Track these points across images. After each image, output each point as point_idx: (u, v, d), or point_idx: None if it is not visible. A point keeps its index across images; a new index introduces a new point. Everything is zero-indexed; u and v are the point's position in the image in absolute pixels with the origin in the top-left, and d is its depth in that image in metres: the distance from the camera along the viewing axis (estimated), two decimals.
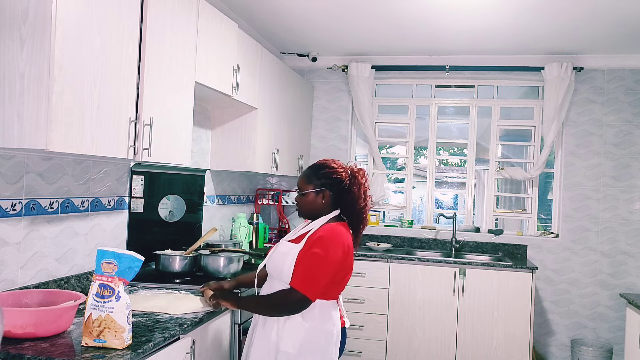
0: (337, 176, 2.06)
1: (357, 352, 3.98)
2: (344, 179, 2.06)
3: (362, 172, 2.11)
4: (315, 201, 2.07)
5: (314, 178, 2.07)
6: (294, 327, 1.95)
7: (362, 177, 2.08)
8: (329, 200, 2.06)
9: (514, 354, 3.73)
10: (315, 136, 4.76)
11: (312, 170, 2.11)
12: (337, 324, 2.04)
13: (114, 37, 1.92)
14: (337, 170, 2.07)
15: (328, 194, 2.05)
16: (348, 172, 2.08)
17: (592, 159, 4.30)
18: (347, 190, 2.06)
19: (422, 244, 4.52)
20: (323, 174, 2.07)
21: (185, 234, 3.18)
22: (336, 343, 2.03)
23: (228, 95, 2.93)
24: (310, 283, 1.91)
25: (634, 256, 4.20)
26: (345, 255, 1.98)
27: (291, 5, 3.45)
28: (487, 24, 3.62)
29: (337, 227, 2.01)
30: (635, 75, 4.25)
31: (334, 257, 1.93)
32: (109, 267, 1.62)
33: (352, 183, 2.06)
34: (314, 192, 2.06)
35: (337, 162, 2.12)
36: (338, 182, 2.05)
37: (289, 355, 1.93)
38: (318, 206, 2.07)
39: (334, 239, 1.95)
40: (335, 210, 2.08)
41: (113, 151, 1.95)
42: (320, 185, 2.05)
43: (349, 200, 2.06)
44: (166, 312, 2.02)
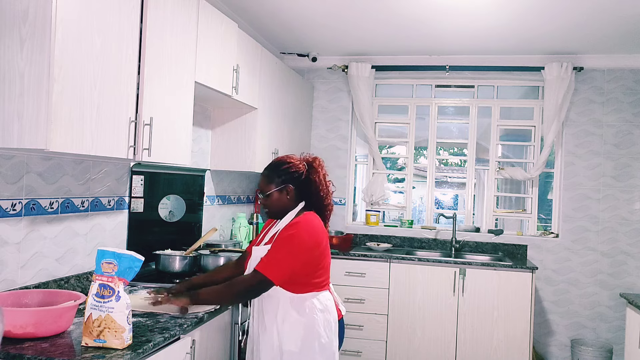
0: (295, 170, 2.10)
1: (357, 352, 3.98)
2: (302, 171, 2.11)
3: (317, 160, 2.16)
4: (280, 199, 2.11)
5: (274, 177, 2.12)
6: (292, 325, 1.98)
7: (318, 165, 2.14)
8: (294, 194, 2.10)
9: (514, 354, 3.73)
10: (315, 136, 4.76)
11: (270, 170, 2.15)
12: (334, 312, 2.08)
13: (114, 37, 1.92)
14: (295, 164, 2.12)
15: (291, 189, 2.10)
16: (304, 164, 2.13)
17: (592, 159, 4.30)
18: (307, 181, 2.10)
19: (422, 244, 4.52)
20: (282, 171, 2.11)
21: (185, 234, 3.18)
22: (335, 332, 2.06)
23: (228, 95, 2.93)
24: (274, 266, 1.94)
25: (634, 256, 4.20)
26: (316, 241, 2.01)
27: (291, 5, 3.45)
28: (487, 24, 3.62)
29: (306, 215, 2.06)
30: (635, 75, 4.25)
31: (301, 242, 1.97)
32: (109, 267, 1.62)
33: (310, 173, 2.11)
34: (278, 191, 2.10)
35: (293, 157, 2.17)
36: (298, 175, 2.10)
37: (292, 353, 1.96)
38: (284, 203, 2.11)
39: (301, 225, 2.00)
40: (300, 203, 2.12)
41: (113, 151, 1.95)
42: (282, 182, 2.09)
43: (311, 190, 2.11)
44: (166, 312, 2.02)
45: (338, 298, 2.21)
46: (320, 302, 2.03)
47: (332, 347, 2.03)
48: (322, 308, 2.02)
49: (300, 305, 1.99)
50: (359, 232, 4.64)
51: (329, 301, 2.08)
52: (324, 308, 2.03)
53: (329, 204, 2.16)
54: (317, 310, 2.01)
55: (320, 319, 2.00)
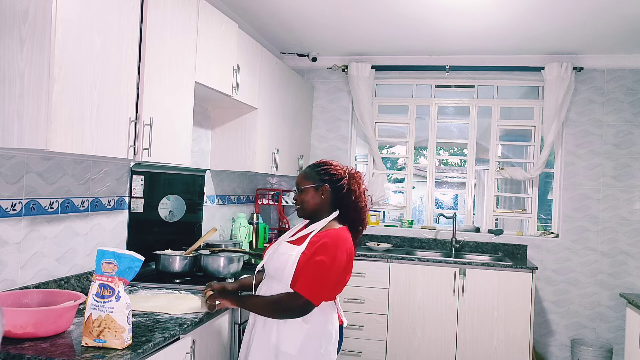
0: (335, 173, 2.07)
1: (357, 352, 3.98)
2: (342, 176, 2.07)
3: (359, 174, 2.12)
4: (315, 197, 2.06)
5: (313, 174, 2.08)
6: (293, 328, 1.95)
7: (360, 178, 2.10)
8: (329, 196, 2.05)
9: (514, 354, 3.73)
10: (315, 136, 4.76)
11: (310, 168, 2.13)
12: (336, 324, 2.06)
13: (114, 37, 1.92)
14: (336, 168, 2.09)
15: (327, 189, 2.05)
16: (346, 173, 2.09)
17: (592, 159, 4.30)
18: (344, 190, 2.06)
19: (422, 244, 4.52)
20: (321, 171, 2.08)
21: (185, 234, 3.18)
22: (334, 343, 2.04)
23: (228, 95, 2.93)
24: (316, 290, 1.91)
25: (634, 256, 4.20)
26: (349, 260, 2.00)
27: (291, 5, 3.45)
28: (487, 24, 3.62)
29: (341, 233, 2.00)
30: (635, 75, 4.25)
31: (340, 263, 1.94)
32: (109, 267, 1.62)
33: (350, 182, 2.07)
34: (313, 188, 2.06)
35: (336, 162, 2.14)
36: (337, 179, 2.06)
37: (289, 356, 1.94)
38: (318, 203, 2.06)
39: (339, 245, 1.95)
40: (335, 211, 2.07)
41: (113, 151, 1.95)
42: (320, 181, 2.06)
43: (348, 200, 2.06)
44: (166, 312, 2.02)
45: (340, 308, 2.19)
46: (324, 313, 2.00)
47: (329, 357, 2.01)
48: (325, 319, 2.00)
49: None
50: None
51: (333, 312, 2.06)
52: (328, 320, 2.01)
53: (364, 219, 2.11)
54: (320, 320, 1.99)
55: (321, 329, 1.99)
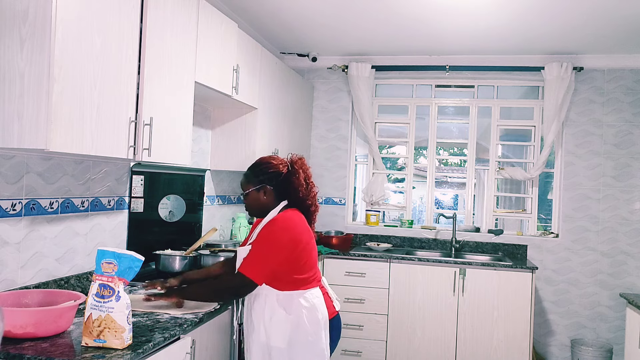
0: (273, 170, 2.13)
1: (357, 352, 3.98)
2: (281, 170, 2.13)
3: (300, 161, 2.18)
4: (258, 198, 2.14)
5: (252, 177, 2.15)
6: (279, 322, 2.01)
7: (300, 166, 2.15)
8: (272, 194, 2.13)
9: (514, 354, 3.73)
10: (315, 136, 4.76)
11: (250, 169, 2.19)
12: (322, 309, 2.09)
13: (114, 37, 1.92)
14: (273, 163, 2.15)
15: (269, 189, 2.13)
16: (286, 164, 2.15)
17: (592, 159, 4.30)
18: (286, 181, 2.12)
19: (422, 244, 4.52)
20: (260, 171, 2.15)
21: (185, 234, 3.18)
22: (325, 328, 2.07)
23: (228, 95, 2.93)
24: (254, 266, 1.96)
25: (634, 256, 4.20)
26: (295, 238, 2.03)
27: (291, 5, 3.45)
28: (487, 24, 3.62)
29: (285, 213, 2.09)
30: (635, 75, 4.25)
31: (280, 239, 1.99)
32: (109, 267, 1.62)
33: (290, 173, 2.13)
34: (255, 190, 2.14)
35: (275, 157, 2.21)
36: (276, 175, 2.13)
37: (280, 350, 1.99)
38: (262, 202, 2.14)
39: (279, 222, 2.02)
40: (283, 202, 2.15)
41: (113, 151, 1.95)
42: (259, 182, 2.13)
43: (290, 190, 2.13)
44: (166, 312, 2.02)
45: (332, 294, 2.23)
46: (306, 300, 2.05)
47: (321, 344, 2.04)
48: (309, 306, 2.04)
49: (287, 303, 2.02)
50: (359, 232, 4.64)
51: (317, 299, 2.09)
52: (311, 306, 2.05)
53: (311, 204, 2.18)
54: (304, 309, 2.03)
55: (306, 316, 2.02)
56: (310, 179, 2.19)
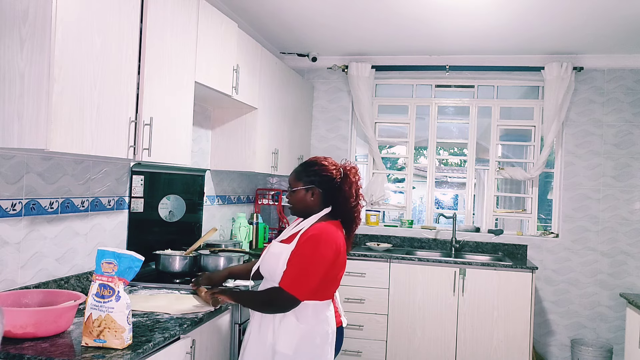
0: (327, 173, 2.05)
1: (357, 352, 3.98)
2: (334, 176, 2.05)
3: (354, 170, 2.09)
4: (305, 198, 2.06)
5: (304, 175, 2.07)
6: (289, 328, 1.95)
7: (354, 176, 2.07)
8: (319, 197, 2.05)
9: (514, 354, 3.73)
10: (315, 136, 4.76)
11: (302, 167, 2.11)
12: (332, 323, 2.04)
13: (114, 37, 1.92)
14: (328, 167, 2.06)
15: (318, 192, 2.04)
16: (340, 170, 2.07)
17: (592, 159, 4.30)
18: (338, 188, 2.04)
19: (422, 244, 4.52)
20: (313, 171, 2.06)
21: (185, 234, 3.19)
22: (331, 343, 2.03)
23: (228, 95, 2.94)
24: (299, 283, 1.90)
25: (634, 256, 4.20)
26: (336, 254, 1.97)
27: (291, 5, 3.45)
28: (487, 24, 3.62)
29: (328, 226, 1.99)
30: (635, 75, 4.25)
31: (324, 257, 1.92)
32: (109, 267, 1.62)
33: (343, 181, 2.05)
34: (304, 190, 2.06)
35: (329, 160, 2.11)
36: (328, 180, 2.04)
37: (285, 356, 1.94)
38: (308, 204, 2.06)
39: (323, 238, 1.94)
40: (327, 208, 2.07)
41: (113, 151, 1.95)
42: (310, 183, 2.05)
43: (340, 198, 2.05)
44: (166, 312, 2.02)
45: (341, 309, 2.18)
46: (320, 312, 2.00)
47: (326, 357, 2.00)
48: (322, 319, 1.99)
49: (300, 312, 1.96)
50: (359, 232, 4.63)
51: (330, 312, 2.05)
52: (323, 319, 2.00)
53: (356, 217, 2.09)
54: (316, 320, 1.98)
55: (317, 329, 1.97)
56: (360, 190, 2.10)
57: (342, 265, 2.04)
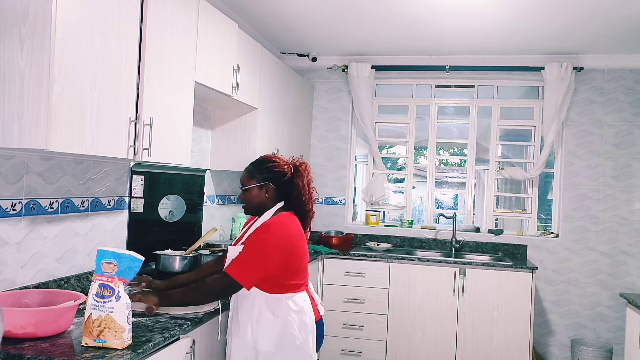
0: (279, 169, 2.11)
1: (357, 352, 3.98)
2: (286, 172, 2.11)
3: (304, 165, 2.16)
4: (259, 195, 2.11)
5: (257, 173, 2.12)
6: (266, 325, 1.98)
7: (304, 170, 2.14)
8: (273, 193, 2.11)
9: (514, 354, 3.73)
10: (315, 136, 4.76)
11: (254, 165, 2.16)
12: (310, 314, 2.07)
13: (114, 37, 1.92)
14: (279, 163, 2.13)
15: (272, 188, 2.11)
16: (290, 166, 2.14)
17: (592, 159, 4.30)
18: (289, 183, 2.11)
19: (422, 244, 4.52)
20: (265, 169, 2.12)
21: (185, 234, 3.18)
22: (312, 332, 2.05)
23: (228, 95, 2.93)
24: (242, 269, 1.94)
25: (634, 256, 4.20)
26: (290, 241, 2.01)
27: (291, 5, 3.45)
28: (487, 24, 3.62)
29: (281, 217, 2.06)
30: (635, 75, 4.25)
31: (273, 245, 1.96)
32: (109, 267, 1.62)
33: (294, 176, 2.11)
34: (257, 187, 2.11)
35: (280, 157, 2.19)
36: (280, 176, 2.11)
37: (268, 354, 1.97)
38: (262, 200, 2.12)
39: (273, 226, 2.00)
40: (279, 202, 2.13)
41: (113, 151, 1.95)
42: (263, 180, 2.10)
43: (292, 193, 2.11)
44: (166, 312, 2.02)
45: (317, 298, 2.21)
46: (295, 304, 2.03)
47: (308, 348, 2.03)
48: (298, 309, 2.02)
49: (276, 306, 2.00)
50: (359, 232, 4.64)
51: (305, 302, 2.07)
52: (300, 309, 2.03)
53: (310, 210, 2.16)
54: (292, 312, 2.01)
55: (295, 320, 2.00)
56: (311, 184, 2.17)
57: (302, 253, 2.08)
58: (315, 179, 4.71)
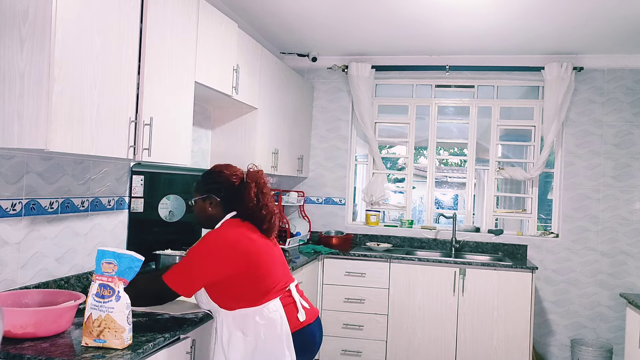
0: (221, 180, 2.03)
1: (357, 352, 3.98)
2: (232, 182, 2.03)
3: (255, 174, 2.06)
4: (204, 208, 2.05)
5: (201, 185, 2.07)
6: (237, 345, 1.90)
7: (253, 179, 2.04)
8: (219, 206, 2.03)
9: (514, 354, 3.73)
10: (315, 136, 4.76)
11: (201, 177, 2.10)
12: (283, 325, 1.94)
13: (114, 37, 1.92)
14: (224, 173, 2.05)
15: (215, 200, 2.03)
16: (240, 176, 2.05)
17: (592, 159, 4.30)
18: (236, 193, 2.02)
19: (422, 244, 4.52)
20: (208, 180, 2.06)
21: (185, 234, 3.18)
22: (287, 344, 1.93)
23: (228, 95, 2.93)
24: (180, 277, 1.86)
25: (634, 256, 4.20)
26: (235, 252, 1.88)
27: (291, 5, 3.45)
28: (487, 24, 3.62)
29: (224, 226, 1.97)
30: (635, 75, 4.25)
31: (213, 253, 1.86)
32: (109, 267, 1.62)
33: (242, 186, 2.02)
34: (201, 200, 2.05)
35: (230, 167, 2.09)
36: (225, 188, 2.02)
37: None
38: (208, 213, 2.04)
39: (213, 236, 1.91)
40: (230, 213, 2.03)
41: (113, 151, 1.95)
42: (206, 192, 2.04)
43: (240, 203, 2.01)
44: (166, 312, 2.02)
45: (300, 303, 2.05)
46: (262, 317, 1.91)
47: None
48: (265, 323, 1.91)
49: (244, 324, 1.90)
50: (359, 232, 4.64)
51: (274, 313, 1.93)
52: (268, 322, 1.91)
53: (263, 217, 2.01)
54: (261, 327, 1.90)
55: (264, 334, 1.90)
56: (265, 194, 2.05)
57: (256, 260, 1.92)
58: (316, 179, 4.74)
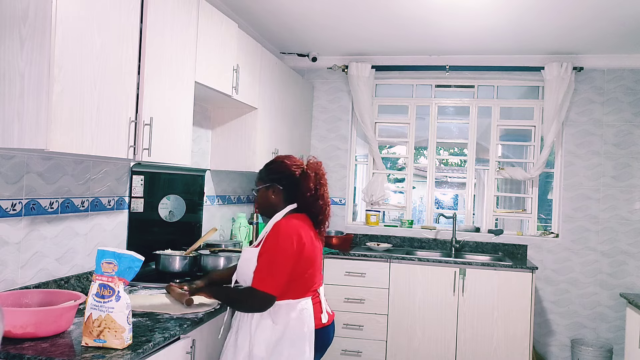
0: (284, 170, 2.10)
1: (357, 352, 3.98)
2: (293, 172, 2.09)
3: (312, 165, 2.13)
4: (266, 197, 2.12)
5: (264, 174, 2.15)
6: (264, 331, 1.96)
7: (312, 170, 2.10)
8: (281, 195, 2.11)
9: (514, 354, 3.73)
10: (315, 136, 4.76)
11: (264, 167, 2.18)
12: (310, 323, 2.01)
13: (114, 37, 1.92)
14: (286, 164, 2.12)
15: (278, 189, 2.10)
16: (301, 167, 2.11)
17: (592, 159, 4.30)
18: (297, 183, 2.08)
19: (422, 244, 4.52)
20: (272, 169, 2.13)
21: (185, 234, 3.18)
22: (310, 341, 2.00)
23: (228, 95, 2.93)
24: (268, 279, 1.92)
25: (634, 256, 4.20)
26: (299, 244, 1.97)
27: (291, 5, 3.45)
28: (487, 24, 3.62)
29: (289, 220, 2.02)
30: (635, 75, 4.25)
31: (285, 248, 1.94)
32: (109, 267, 1.62)
33: (302, 176, 2.09)
34: (264, 188, 2.13)
35: (291, 158, 2.16)
36: (287, 177, 2.10)
37: (259, 358, 1.94)
38: (270, 201, 2.12)
39: (282, 230, 1.96)
40: (291, 204, 2.11)
41: (113, 151, 1.95)
42: (269, 181, 2.11)
43: (299, 193, 2.08)
44: (166, 312, 2.02)
45: (325, 305, 2.14)
46: (295, 311, 1.99)
47: (303, 357, 1.98)
48: (296, 317, 1.98)
49: (276, 314, 1.97)
50: (359, 232, 4.64)
51: (306, 310, 2.02)
52: (298, 317, 1.99)
53: (321, 209, 2.11)
54: (291, 320, 1.97)
55: (293, 328, 1.97)
56: (323, 185, 2.12)
57: (310, 257, 2.02)
58: None
